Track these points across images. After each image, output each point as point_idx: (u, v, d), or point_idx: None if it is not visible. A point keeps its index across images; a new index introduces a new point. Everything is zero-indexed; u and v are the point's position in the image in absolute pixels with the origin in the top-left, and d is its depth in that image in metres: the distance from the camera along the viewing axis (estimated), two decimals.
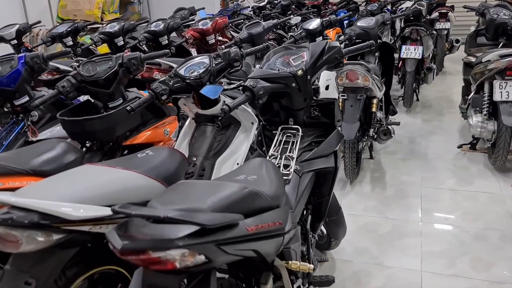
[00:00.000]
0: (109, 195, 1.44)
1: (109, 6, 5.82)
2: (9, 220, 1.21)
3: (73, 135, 2.18)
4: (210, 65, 2.08)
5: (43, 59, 2.37)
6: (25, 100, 2.36)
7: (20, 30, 4.56)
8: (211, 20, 4.21)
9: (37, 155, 1.80)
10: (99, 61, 2.22)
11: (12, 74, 2.29)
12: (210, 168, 2.13)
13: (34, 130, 2.37)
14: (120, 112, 2.14)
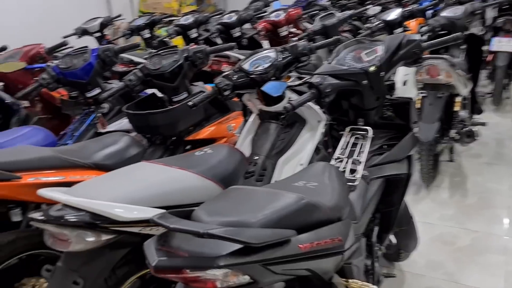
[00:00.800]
0: (162, 196, 1.38)
1: None
2: (60, 218, 1.19)
3: (137, 128, 2.17)
4: (276, 59, 1.95)
5: (114, 52, 2.38)
6: (96, 92, 2.40)
7: (102, 23, 4.75)
8: (284, 12, 4.07)
9: (100, 148, 1.80)
10: (165, 54, 2.19)
11: (85, 67, 2.33)
12: (272, 168, 2.01)
13: (104, 121, 2.40)
14: (183, 107, 2.09)
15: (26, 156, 1.58)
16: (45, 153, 1.62)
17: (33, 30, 4.96)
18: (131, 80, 2.13)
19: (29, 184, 1.50)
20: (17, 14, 4.89)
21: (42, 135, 2.12)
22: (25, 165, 1.54)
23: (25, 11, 4.96)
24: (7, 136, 2.02)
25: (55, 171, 1.60)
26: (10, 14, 4.82)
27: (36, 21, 5.04)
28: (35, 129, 2.14)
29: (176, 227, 0.89)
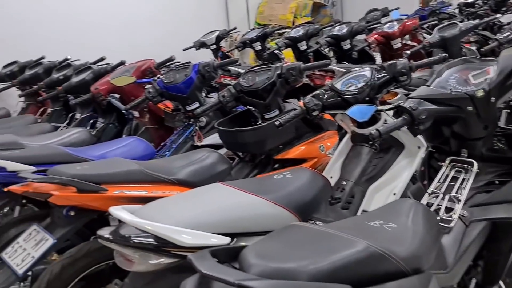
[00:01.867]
0: (229, 222, 1.33)
1: (302, 10, 5.87)
2: (125, 239, 1.21)
3: (227, 144, 2.18)
4: (371, 78, 1.80)
5: (213, 67, 2.43)
6: (195, 106, 2.47)
7: (219, 36, 4.97)
8: (398, 22, 3.80)
9: (186, 164, 1.83)
10: (259, 70, 2.16)
11: (186, 82, 2.41)
12: (360, 196, 1.85)
13: (200, 135, 2.46)
14: (272, 125, 2.03)
15: (115, 169, 1.66)
16: (131, 167, 1.69)
17: (159, 44, 5.40)
18: (224, 96, 2.14)
19: (114, 196, 1.57)
20: (147, 29, 5.34)
21: (142, 147, 2.25)
22: (112, 178, 1.62)
23: (153, 26, 5.41)
24: (111, 146, 2.17)
25: (139, 185, 1.65)
26: (141, 30, 5.28)
27: (163, 36, 5.46)
28: (137, 140, 2.27)
29: (208, 273, 0.83)
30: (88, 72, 3.02)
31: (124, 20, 5.13)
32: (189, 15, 5.72)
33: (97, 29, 4.91)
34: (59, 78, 3.34)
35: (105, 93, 2.74)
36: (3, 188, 1.85)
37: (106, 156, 2.08)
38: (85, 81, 2.99)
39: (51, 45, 4.47)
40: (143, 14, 5.29)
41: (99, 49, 4.72)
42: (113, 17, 5.05)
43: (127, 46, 5.07)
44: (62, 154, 1.97)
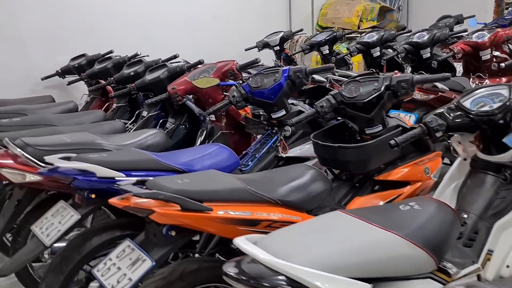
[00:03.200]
0: (368, 265, 1.12)
1: (368, 13, 5.59)
2: (255, 279, 1.02)
3: (323, 160, 1.96)
4: (509, 98, 1.54)
5: (305, 73, 2.23)
6: (281, 114, 2.27)
7: (283, 37, 4.76)
8: (489, 32, 3.47)
9: (286, 181, 1.63)
10: (364, 81, 1.93)
11: (274, 87, 2.22)
12: (485, 232, 1.60)
13: (285, 145, 2.26)
14: (380, 144, 1.80)
15: (217, 185, 1.48)
16: (235, 184, 1.50)
17: (221, 42, 5.26)
18: (323, 106, 1.92)
19: (219, 217, 1.39)
20: (210, 27, 5.20)
21: (226, 155, 2.06)
22: (216, 195, 1.44)
23: (216, 24, 5.26)
24: (195, 154, 2.00)
25: (243, 205, 1.47)
26: (204, 27, 5.15)
27: (225, 34, 5.31)
28: (220, 148, 2.09)
29: None
30: (163, 70, 2.88)
31: (188, 17, 5.01)
32: (253, 14, 5.55)
33: (160, 25, 4.81)
34: (129, 74, 3.22)
35: (182, 94, 2.58)
36: (91, 194, 1.71)
37: (192, 164, 1.91)
38: (159, 80, 2.85)
39: (117, 39, 4.39)
40: (207, 11, 5.16)
41: (161, 45, 4.63)
42: (177, 13, 4.94)
43: (189, 43, 4.95)
44: (150, 161, 1.81)
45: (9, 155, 2.04)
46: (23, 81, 3.97)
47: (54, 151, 2.02)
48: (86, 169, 1.65)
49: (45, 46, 4.06)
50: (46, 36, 4.05)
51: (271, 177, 1.69)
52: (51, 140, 2.11)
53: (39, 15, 4.00)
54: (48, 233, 1.66)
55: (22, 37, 3.92)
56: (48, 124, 2.78)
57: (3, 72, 3.84)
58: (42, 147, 2.02)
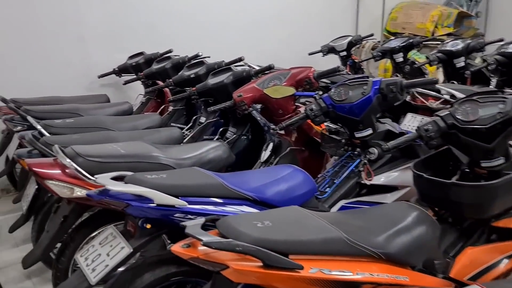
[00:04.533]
0: None
1: (444, 19, 5.06)
2: None
3: (426, 197, 1.57)
4: None
5: (400, 87, 1.84)
6: (367, 133, 1.91)
7: (351, 42, 4.36)
8: None
9: (387, 226, 1.27)
10: (484, 101, 1.52)
11: (362, 102, 1.85)
12: None
13: (370, 171, 1.89)
14: (508, 183, 1.40)
15: (306, 233, 1.13)
16: (327, 231, 1.15)
17: (283, 45, 4.93)
18: (428, 130, 1.54)
19: (310, 278, 1.05)
20: (271, 28, 4.88)
21: (301, 179, 1.72)
22: (305, 247, 1.09)
23: (278, 26, 4.93)
24: (266, 177, 1.67)
25: (339, 261, 1.12)
26: (265, 28, 4.83)
27: (287, 36, 4.97)
28: (295, 171, 1.74)
29: None
30: (227, 74, 2.57)
31: (250, 17, 4.71)
32: (318, 17, 5.17)
33: (221, 24, 4.53)
34: (190, 76, 2.95)
35: (249, 102, 2.26)
36: (146, 223, 1.42)
37: (264, 191, 1.58)
38: (223, 85, 2.55)
39: (176, 38, 4.15)
40: (270, 12, 4.83)
41: (221, 45, 4.35)
42: (240, 13, 4.64)
43: (250, 45, 4.65)
44: (216, 186, 1.49)
45: (58, 165, 1.80)
46: (80, 79, 3.81)
47: (107, 163, 1.77)
48: (142, 194, 1.35)
49: (104, 43, 3.88)
50: (106, 34, 3.88)
51: (367, 218, 1.32)
52: (103, 150, 1.85)
53: (101, 12, 3.82)
54: (94, 267, 1.38)
55: (83, 33, 3.75)
56: (102, 127, 2.57)
57: (62, 69, 3.69)
58: (94, 158, 1.77)
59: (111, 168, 1.78)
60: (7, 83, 3.42)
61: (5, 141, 3.17)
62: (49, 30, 3.61)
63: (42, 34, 3.58)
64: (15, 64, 3.50)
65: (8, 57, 3.47)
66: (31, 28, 3.52)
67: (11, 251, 2.80)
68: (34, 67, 3.58)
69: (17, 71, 3.51)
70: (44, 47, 3.61)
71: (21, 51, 3.51)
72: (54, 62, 3.66)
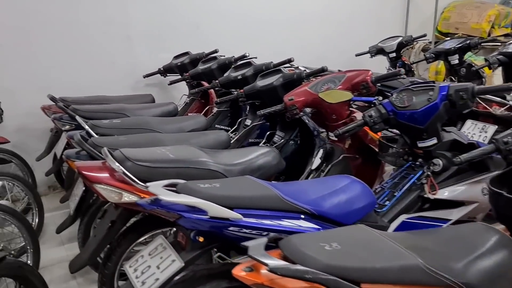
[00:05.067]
0: None
1: (502, 19, 4.76)
2: None
3: (501, 216, 1.41)
4: None
5: (472, 93, 1.68)
6: (432, 143, 1.76)
7: (402, 43, 4.15)
8: None
9: (467, 252, 1.13)
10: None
11: (428, 109, 1.70)
12: None
13: (434, 184, 1.73)
14: None
15: (380, 258, 1.01)
16: (403, 257, 1.03)
17: (327, 45, 4.78)
18: (507, 143, 1.38)
19: None
20: (316, 28, 4.74)
21: (359, 191, 1.59)
22: (380, 276, 0.98)
23: (323, 25, 4.78)
24: (323, 188, 1.55)
25: None
26: (309, 28, 4.69)
27: (332, 36, 4.82)
28: (353, 182, 1.62)
29: None
30: (277, 76, 2.46)
31: (295, 17, 4.58)
32: (365, 16, 4.97)
33: (266, 24, 4.43)
34: (237, 78, 2.86)
35: (301, 106, 2.15)
36: (198, 236, 1.33)
37: (322, 204, 1.47)
38: (272, 87, 2.44)
39: (221, 37, 4.09)
40: (316, 12, 4.69)
41: (266, 45, 4.25)
42: (285, 12, 4.53)
43: (293, 44, 4.53)
44: (272, 198, 1.39)
45: (106, 168, 1.75)
46: (126, 78, 3.82)
47: (156, 168, 1.71)
48: (196, 205, 1.27)
49: (149, 43, 3.87)
50: (151, 33, 3.86)
51: (443, 241, 1.19)
52: (152, 154, 1.79)
53: (147, 11, 3.81)
54: (144, 280, 1.32)
55: (129, 33, 3.76)
56: (148, 128, 2.53)
57: (108, 68, 3.71)
58: (143, 163, 1.71)
59: (159, 173, 1.72)
60: (55, 81, 3.46)
61: (53, 140, 3.21)
62: (96, 30, 3.62)
63: (89, 34, 3.60)
64: (63, 63, 3.54)
65: (57, 57, 3.51)
66: (79, 27, 3.55)
67: (57, 249, 2.81)
68: (82, 66, 3.60)
69: (65, 70, 3.55)
70: (91, 46, 3.63)
71: (69, 51, 3.55)
72: (100, 61, 3.68)
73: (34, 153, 3.43)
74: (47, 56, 3.47)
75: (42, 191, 3.55)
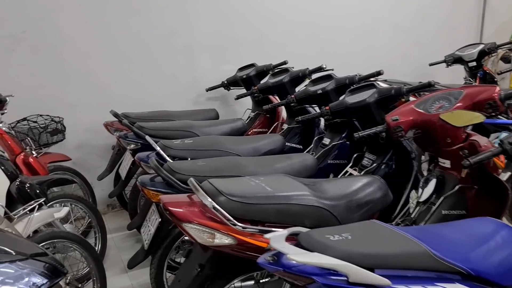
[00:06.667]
0: None
1: None
2: None
3: None
4: None
5: None
6: None
7: (484, 51, 3.72)
8: None
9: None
10: None
11: None
12: None
13: None
14: None
15: None
16: None
17: (397, 54, 4.42)
18: None
19: None
20: (386, 36, 4.39)
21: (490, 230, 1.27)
22: None
23: (393, 33, 4.43)
24: (472, 236, 1.23)
25: None
26: (379, 36, 4.35)
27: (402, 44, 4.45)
28: (502, 227, 1.28)
29: None
30: (371, 92, 2.14)
31: (361, 26, 4.25)
32: (436, 23, 4.58)
33: (331, 33, 4.13)
34: (316, 92, 2.57)
35: (407, 128, 1.83)
36: None
37: (481, 263, 1.14)
38: (365, 104, 2.13)
39: (286, 48, 3.82)
40: (383, 19, 4.33)
41: (329, 55, 3.94)
42: (350, 21, 4.21)
43: (360, 54, 4.20)
44: (422, 256, 1.07)
45: (194, 203, 1.50)
46: (187, 91, 3.61)
47: (253, 204, 1.45)
48: (334, 268, 0.98)
49: (212, 54, 3.65)
50: (214, 44, 3.63)
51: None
52: (246, 187, 1.53)
53: (209, 21, 3.59)
54: None
55: (191, 44, 3.54)
56: (222, 150, 2.29)
57: (170, 81, 3.51)
58: (237, 198, 1.45)
59: (257, 210, 1.46)
60: (116, 96, 3.30)
61: (115, 158, 3.02)
62: (159, 42, 3.43)
63: (151, 47, 3.41)
64: (124, 77, 3.37)
65: (118, 70, 3.34)
66: (140, 40, 3.37)
67: (121, 277, 2.60)
68: (143, 80, 3.42)
69: (126, 84, 3.37)
70: (153, 60, 3.44)
71: (130, 64, 3.37)
72: (162, 74, 3.49)
73: (94, 170, 3.27)
74: (108, 70, 3.31)
75: (101, 209, 3.37)
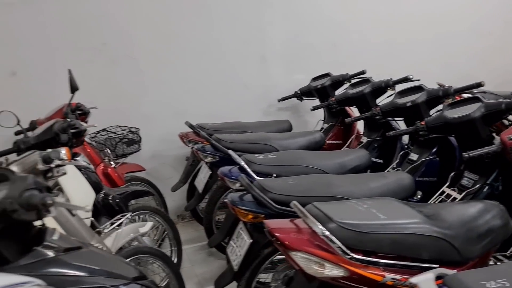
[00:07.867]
0: None
1: None
2: None
3: None
4: None
5: None
6: None
7: None
8: None
9: None
10: None
11: None
12: None
13: None
14: None
15: None
16: None
17: (478, 61, 4.13)
18: None
19: None
20: (464, 42, 4.12)
21: None
22: None
23: (474, 39, 4.14)
24: None
25: None
26: (456, 43, 4.08)
27: (483, 51, 4.16)
28: None
29: None
30: (477, 106, 1.95)
31: (438, 32, 3.99)
32: None
33: (406, 40, 3.91)
34: (405, 105, 2.40)
35: None
36: None
37: None
38: (470, 120, 1.94)
39: (358, 57, 3.66)
40: (462, 25, 4.06)
41: (405, 62, 3.72)
42: (427, 28, 3.96)
43: (437, 62, 3.95)
44: None
45: (300, 230, 1.39)
46: (259, 101, 3.52)
47: (367, 233, 1.32)
48: None
49: (284, 63, 3.54)
50: (286, 53, 3.53)
51: None
52: (356, 213, 1.41)
53: (283, 30, 3.48)
54: None
55: (264, 53, 3.46)
56: (307, 165, 2.17)
57: (241, 91, 3.44)
58: (350, 227, 1.32)
59: (371, 240, 1.33)
60: (189, 106, 3.26)
61: (190, 169, 2.98)
62: (232, 51, 3.37)
63: (223, 56, 3.36)
64: (197, 87, 3.33)
65: (191, 80, 3.30)
66: (213, 49, 3.32)
67: None
68: (215, 90, 3.37)
69: (199, 94, 3.33)
70: (225, 69, 3.38)
71: (202, 74, 3.33)
72: (233, 84, 3.43)
73: (167, 180, 3.25)
74: (181, 80, 3.28)
75: None
